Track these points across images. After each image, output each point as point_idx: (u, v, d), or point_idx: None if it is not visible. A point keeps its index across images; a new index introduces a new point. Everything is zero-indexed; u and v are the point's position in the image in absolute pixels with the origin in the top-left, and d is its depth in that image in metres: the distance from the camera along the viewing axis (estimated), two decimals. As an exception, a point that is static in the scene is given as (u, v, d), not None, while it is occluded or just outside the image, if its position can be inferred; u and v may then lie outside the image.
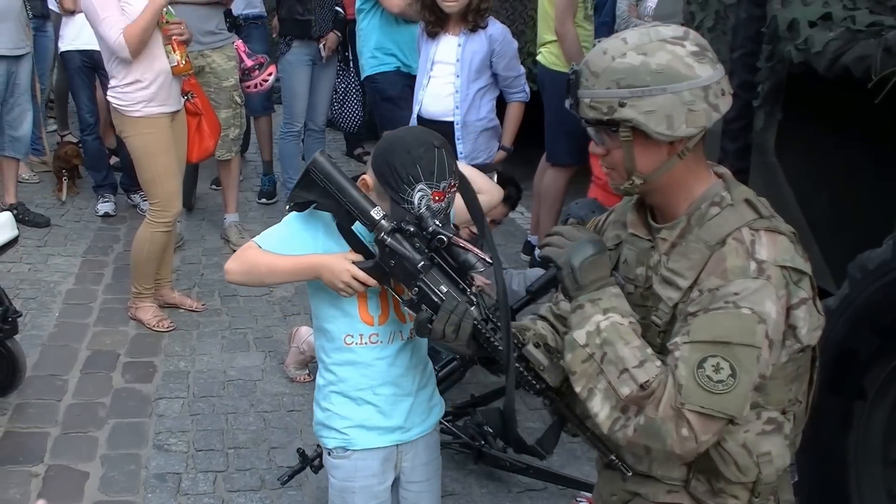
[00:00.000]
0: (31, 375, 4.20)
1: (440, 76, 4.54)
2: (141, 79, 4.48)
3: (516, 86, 4.69)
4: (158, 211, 4.68)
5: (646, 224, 2.07)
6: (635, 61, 1.87)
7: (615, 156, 1.96)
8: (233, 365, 4.47)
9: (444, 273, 2.14)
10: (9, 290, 4.92)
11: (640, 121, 1.86)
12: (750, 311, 1.80)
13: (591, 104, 1.92)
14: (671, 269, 1.96)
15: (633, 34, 1.92)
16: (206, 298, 5.17)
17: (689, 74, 1.85)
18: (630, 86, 1.86)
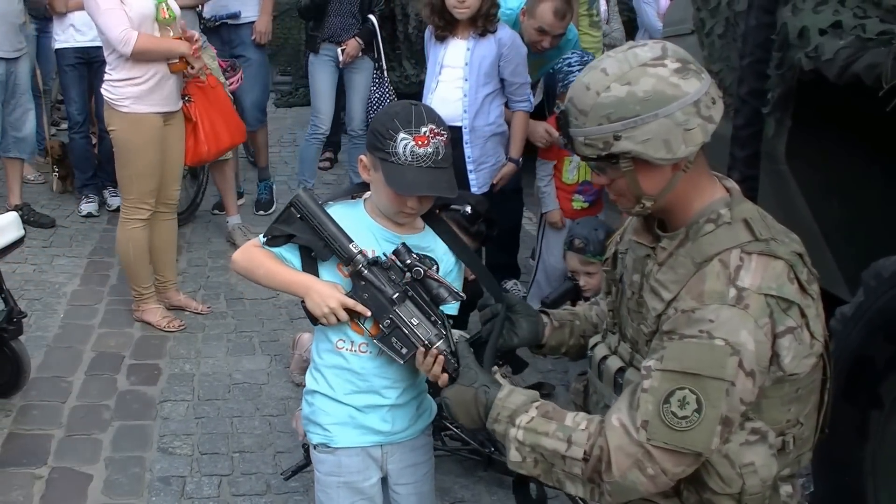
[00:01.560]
0: (36, 377, 4.26)
1: (448, 80, 4.60)
2: (136, 75, 4.53)
3: (521, 94, 4.72)
4: (131, 208, 4.73)
5: (650, 231, 2.11)
6: (621, 93, 1.89)
7: (620, 184, 2.01)
8: (238, 368, 4.53)
9: (417, 306, 2.28)
10: (14, 291, 4.96)
11: (638, 151, 1.90)
12: (723, 342, 1.83)
13: (587, 142, 1.95)
14: (658, 280, 2.00)
15: (611, 63, 1.94)
16: (211, 301, 5.23)
17: (677, 94, 1.88)
18: (621, 118, 1.89)
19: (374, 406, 2.44)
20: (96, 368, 4.47)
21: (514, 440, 2.01)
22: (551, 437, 1.97)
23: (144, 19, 4.48)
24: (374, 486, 2.52)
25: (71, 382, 4.31)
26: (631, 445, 1.87)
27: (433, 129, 2.24)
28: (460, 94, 4.59)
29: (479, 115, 4.60)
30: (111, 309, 5.11)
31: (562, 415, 2.01)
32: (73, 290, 5.32)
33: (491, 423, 2.08)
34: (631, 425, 1.88)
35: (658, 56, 1.92)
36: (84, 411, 4.09)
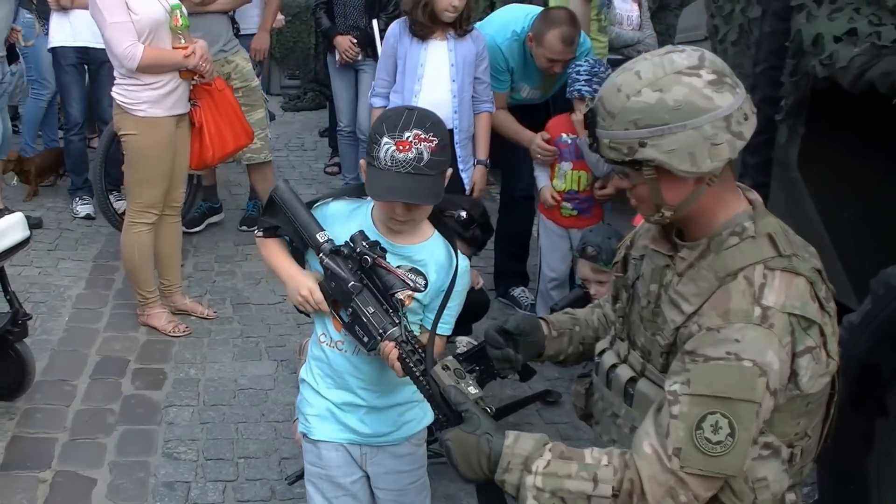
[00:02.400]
0: (40, 380, 4.29)
1: (435, 82, 4.63)
2: (152, 80, 4.56)
3: (487, 94, 4.78)
4: (139, 212, 4.76)
5: (669, 239, 2.10)
6: (651, 99, 1.88)
7: (641, 190, 2.00)
8: (244, 373, 4.55)
9: (373, 294, 2.31)
10: (19, 294, 4.99)
11: (662, 160, 1.89)
12: (752, 363, 1.83)
13: (611, 145, 1.95)
14: (679, 291, 2.00)
15: (646, 66, 1.93)
16: (217, 306, 5.26)
17: (709, 107, 1.86)
18: (649, 125, 1.88)
19: (352, 405, 2.51)
20: (101, 372, 4.50)
21: (533, 488, 1.95)
22: (574, 478, 1.93)
23: (157, 26, 4.51)
24: (355, 483, 2.59)
25: (75, 386, 4.34)
26: (663, 474, 1.87)
27: (418, 134, 2.24)
28: (449, 95, 4.63)
29: (465, 116, 4.66)
30: (116, 313, 5.14)
31: (578, 453, 1.98)
32: (78, 293, 5.35)
33: (501, 475, 2.00)
34: (663, 453, 1.87)
35: (694, 65, 1.90)
36: (88, 415, 4.12)
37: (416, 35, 4.62)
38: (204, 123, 4.90)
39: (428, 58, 4.63)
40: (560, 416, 4.20)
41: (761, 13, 3.32)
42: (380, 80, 4.85)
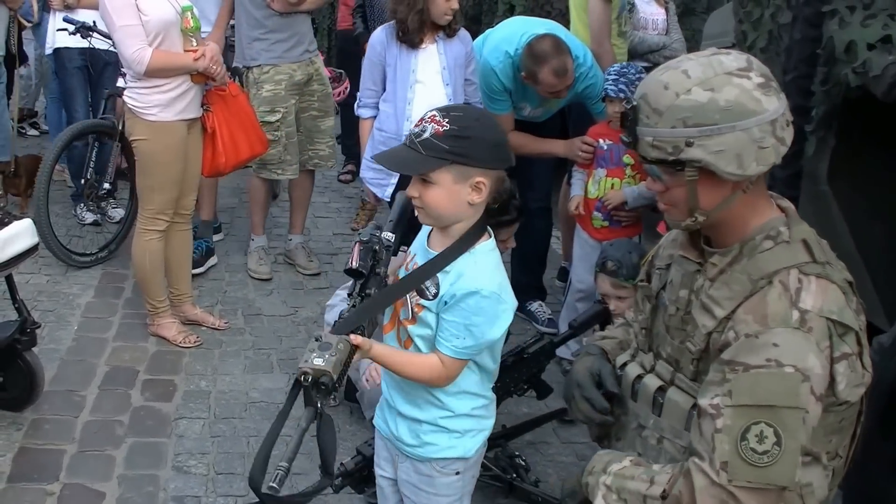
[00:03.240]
0: (48, 390, 4.28)
1: (428, 86, 4.62)
2: (162, 82, 4.56)
3: (476, 96, 4.76)
4: (150, 219, 4.76)
5: (697, 247, 2.10)
6: (702, 98, 1.88)
7: (676, 193, 1.99)
8: (255, 386, 4.53)
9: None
10: (27, 302, 5.00)
11: (709, 161, 1.89)
12: (793, 369, 1.82)
13: (655, 143, 1.93)
14: (711, 296, 1.99)
15: (694, 66, 1.93)
16: (228, 317, 5.25)
17: (758, 109, 1.87)
18: (698, 124, 1.88)
19: (388, 404, 2.61)
20: (110, 383, 4.49)
21: (602, 485, 2.07)
22: (636, 479, 2.02)
23: (167, 27, 4.51)
24: (385, 479, 2.70)
25: (84, 397, 4.33)
26: (713, 487, 1.86)
27: (434, 115, 2.31)
28: (444, 99, 4.59)
29: None
30: (126, 322, 5.13)
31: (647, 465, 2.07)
32: (87, 301, 5.35)
33: (585, 476, 2.16)
34: (710, 467, 1.86)
35: (744, 67, 1.91)
36: (97, 427, 4.10)
37: (407, 42, 4.60)
38: (217, 129, 4.87)
39: (419, 63, 4.61)
40: (577, 435, 4.16)
41: (792, 19, 3.30)
42: (366, 91, 4.82)
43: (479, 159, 2.32)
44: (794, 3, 3.35)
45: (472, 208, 2.39)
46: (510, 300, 2.42)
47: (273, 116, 5.58)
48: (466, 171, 2.33)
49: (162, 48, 4.51)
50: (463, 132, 2.30)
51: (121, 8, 4.43)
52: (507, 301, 2.41)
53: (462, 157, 2.30)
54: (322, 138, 5.96)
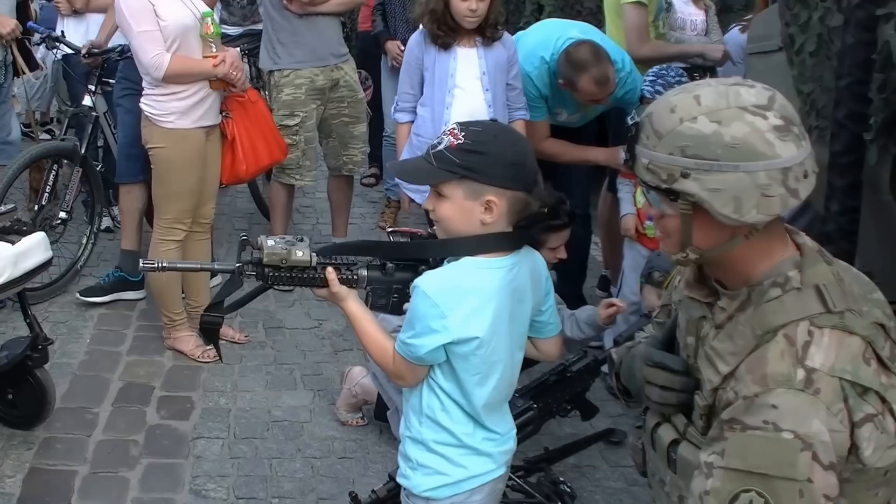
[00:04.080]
0: (60, 407, 4.16)
1: (467, 91, 4.49)
2: (180, 89, 4.46)
3: (520, 101, 4.63)
4: (167, 228, 4.65)
5: (706, 284, 1.95)
6: (706, 129, 1.74)
7: (669, 223, 1.86)
8: (278, 404, 4.39)
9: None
10: (37, 313, 4.90)
11: (702, 197, 1.75)
12: (792, 435, 1.66)
13: (650, 167, 1.81)
14: (715, 348, 1.85)
15: (708, 93, 1.79)
16: (249, 329, 5.10)
17: (768, 153, 1.72)
18: (697, 156, 1.74)
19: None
20: (124, 400, 4.35)
21: None
22: None
23: (186, 31, 4.42)
24: None
25: (97, 414, 4.19)
26: None
27: (454, 128, 2.29)
28: (483, 104, 4.47)
29: None
30: (140, 335, 5.00)
31: None
32: (100, 313, 5.20)
33: None
34: None
35: (762, 104, 1.76)
36: (110, 446, 3.97)
37: (440, 44, 4.47)
38: (237, 136, 4.78)
39: (458, 67, 4.48)
40: (625, 458, 3.99)
41: (843, 23, 3.15)
42: (404, 95, 4.70)
43: (490, 176, 2.25)
44: (845, 5, 3.21)
45: (486, 228, 2.30)
46: (454, 324, 2.25)
47: (291, 120, 5.54)
48: (478, 187, 2.26)
49: (180, 54, 4.41)
50: (477, 147, 2.26)
51: (138, 12, 4.35)
52: (447, 320, 2.25)
53: (472, 173, 2.26)
54: (355, 144, 5.90)
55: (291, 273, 2.39)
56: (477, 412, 2.38)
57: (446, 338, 2.26)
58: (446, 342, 2.27)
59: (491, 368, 2.35)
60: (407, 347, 2.31)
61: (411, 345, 2.29)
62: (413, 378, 2.38)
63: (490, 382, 2.37)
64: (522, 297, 2.39)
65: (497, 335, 2.32)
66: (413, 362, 2.33)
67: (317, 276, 2.39)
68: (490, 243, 2.32)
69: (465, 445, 2.41)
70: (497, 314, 2.30)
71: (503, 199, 2.27)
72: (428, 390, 2.38)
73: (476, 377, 2.34)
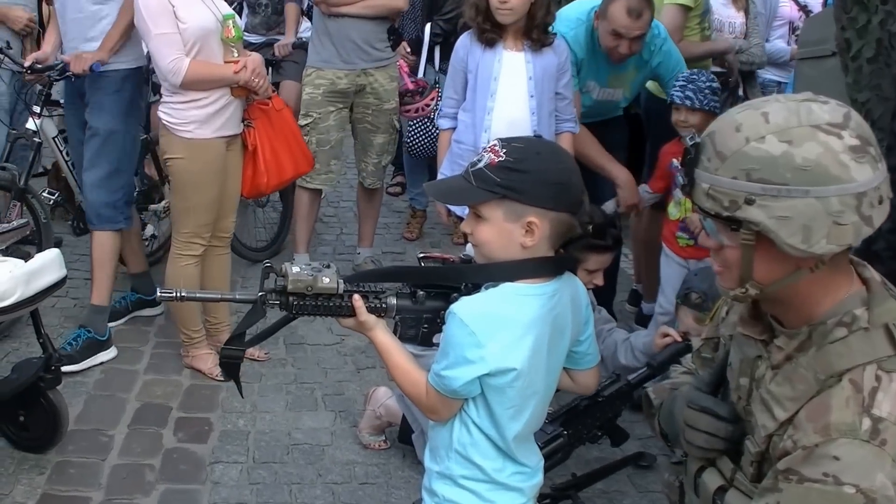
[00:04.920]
0: (74, 429, 4.09)
1: (510, 97, 4.33)
2: (199, 97, 4.36)
3: (569, 112, 4.50)
4: (185, 243, 4.56)
5: (762, 321, 1.83)
6: (775, 150, 1.63)
7: (729, 255, 1.75)
8: (298, 426, 4.30)
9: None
10: (52, 329, 4.87)
11: (768, 226, 1.63)
12: (854, 489, 1.56)
13: (711, 192, 1.69)
14: (771, 392, 1.73)
15: (777, 109, 1.67)
16: (269, 346, 4.97)
17: (842, 177, 1.60)
18: (764, 180, 1.63)
19: None
20: (140, 421, 4.27)
21: None
22: None
23: (206, 35, 4.31)
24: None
25: (112, 437, 4.12)
26: None
27: (495, 144, 2.20)
28: (527, 112, 4.34)
29: (545, 136, 4.34)
30: (158, 352, 4.92)
31: None
32: (117, 329, 5.11)
33: None
34: None
35: (838, 122, 1.64)
36: (126, 471, 3.89)
37: (485, 41, 4.31)
38: (259, 146, 4.67)
39: (502, 71, 4.32)
40: (655, 482, 3.89)
41: (906, 28, 3.03)
42: (447, 100, 4.58)
43: (531, 196, 2.14)
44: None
45: (527, 252, 2.18)
46: (491, 355, 2.13)
47: (304, 120, 5.49)
48: (519, 208, 2.15)
49: (200, 59, 4.31)
50: (518, 165, 2.14)
51: (157, 14, 4.24)
52: (484, 349, 2.12)
53: (513, 192, 2.14)
54: (371, 153, 5.79)
55: (317, 301, 2.27)
56: (508, 446, 2.27)
57: (482, 369, 2.14)
58: (482, 373, 2.15)
59: (526, 402, 2.24)
60: (441, 380, 2.19)
61: (445, 377, 2.17)
62: (448, 412, 2.27)
63: (524, 416, 2.25)
64: (563, 326, 2.27)
65: (535, 367, 2.20)
66: (447, 396, 2.21)
67: (344, 305, 2.29)
68: (531, 268, 2.20)
69: (494, 481, 2.30)
70: (536, 344, 2.18)
71: (545, 221, 2.15)
72: (460, 424, 2.27)
73: (510, 410, 2.22)
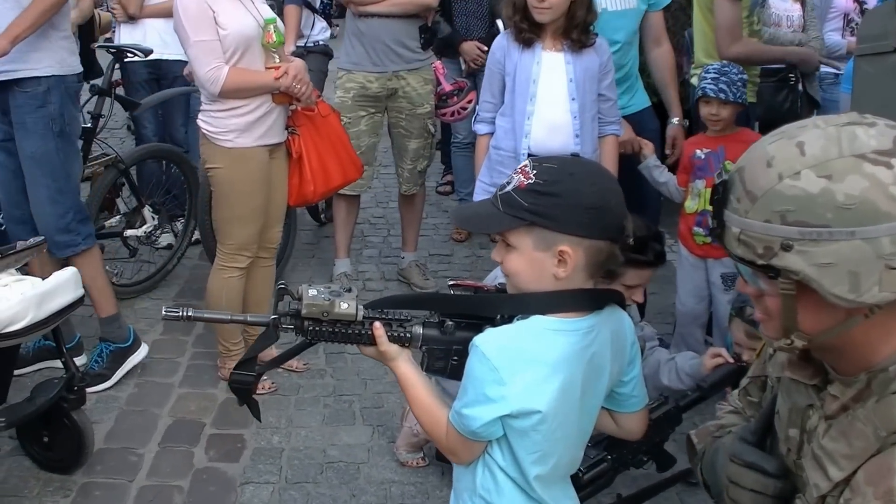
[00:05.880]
0: (103, 448, 4.03)
1: (550, 101, 4.16)
2: (240, 104, 4.23)
3: (613, 114, 4.33)
4: (229, 254, 4.45)
5: (813, 363, 1.64)
6: (813, 187, 1.42)
7: (770, 303, 1.56)
8: (334, 442, 4.18)
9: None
10: (88, 340, 4.80)
11: (809, 275, 1.43)
12: None
13: (742, 238, 1.50)
14: (825, 448, 1.54)
15: (815, 137, 1.46)
16: (308, 356, 4.87)
17: (894, 213, 1.39)
18: (801, 223, 1.43)
19: None
20: (172, 439, 4.18)
21: None
22: None
23: (247, 42, 4.17)
24: None
25: (141, 456, 4.03)
26: None
27: (525, 166, 2.04)
28: (568, 116, 4.15)
29: (588, 140, 4.19)
30: (194, 364, 4.84)
31: None
32: (154, 339, 5.06)
33: None
34: None
35: (886, 149, 1.43)
36: (153, 493, 3.80)
37: (523, 41, 4.15)
38: (304, 154, 4.54)
39: (542, 73, 4.15)
40: (707, 500, 3.65)
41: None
42: (484, 104, 4.42)
43: (562, 223, 1.96)
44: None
45: (560, 284, 1.99)
46: (513, 394, 1.95)
47: None
48: (549, 236, 1.98)
49: (240, 66, 4.18)
50: (548, 188, 1.97)
51: (197, 20, 4.09)
52: (506, 388, 1.95)
53: (542, 219, 1.97)
54: (406, 159, 5.67)
55: (334, 328, 2.14)
56: (536, 491, 2.09)
57: (503, 409, 1.96)
58: (503, 414, 1.97)
59: (553, 447, 2.05)
60: (461, 419, 2.02)
61: (465, 416, 2.01)
62: (468, 455, 2.11)
63: (550, 461, 2.07)
64: (600, 365, 2.08)
65: (564, 410, 2.01)
66: (467, 437, 2.04)
67: (363, 333, 2.15)
68: (564, 301, 2.02)
69: None
70: (566, 386, 1.99)
71: (579, 250, 1.97)
72: (483, 468, 2.11)
73: (534, 455, 2.04)
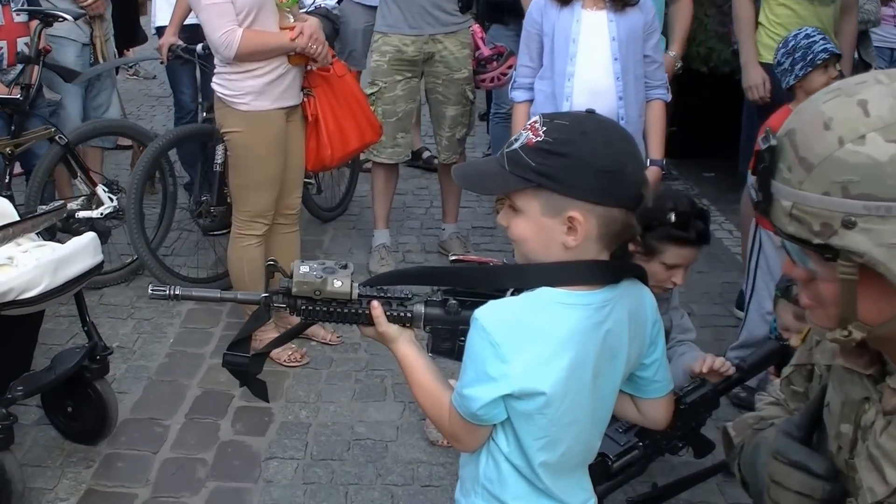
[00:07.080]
0: (129, 418, 4.05)
1: (591, 61, 4.02)
2: (254, 66, 4.17)
3: (659, 77, 4.17)
4: (247, 222, 4.41)
5: (870, 351, 1.47)
6: (881, 153, 1.25)
7: (824, 289, 1.38)
8: (363, 418, 4.13)
9: None
10: (123, 310, 4.83)
11: (875, 258, 1.26)
12: None
13: (794, 213, 1.32)
14: (882, 447, 1.40)
15: (881, 95, 1.28)
16: (342, 328, 4.81)
17: None
18: (867, 196, 1.25)
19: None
20: (199, 410, 4.17)
21: None
22: None
23: (260, 2, 4.09)
24: None
25: (167, 427, 4.02)
26: None
27: (535, 121, 1.85)
28: (611, 77, 4.02)
29: (633, 104, 4.04)
30: (227, 334, 4.80)
31: None
32: (188, 308, 5.05)
33: None
34: None
35: None
36: (176, 466, 3.79)
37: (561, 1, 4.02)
38: (320, 116, 4.48)
39: (581, 32, 4.01)
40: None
41: None
42: (521, 68, 4.29)
43: (571, 186, 1.78)
44: None
45: (571, 253, 1.82)
46: (516, 372, 1.79)
47: (370, 89, 5.27)
48: (558, 200, 1.79)
49: (254, 27, 4.10)
50: (558, 147, 1.78)
51: None
52: (508, 365, 1.79)
53: (549, 181, 1.78)
54: (444, 127, 5.53)
55: (329, 307, 2.04)
56: (543, 482, 1.94)
57: (505, 388, 1.80)
58: (504, 393, 1.82)
59: (561, 433, 1.88)
60: (462, 400, 1.87)
61: (465, 396, 1.86)
62: (472, 441, 1.95)
63: (559, 448, 1.91)
64: (616, 345, 1.90)
65: (573, 393, 1.84)
66: (470, 421, 1.90)
67: (361, 312, 2.04)
68: (574, 272, 1.84)
69: None
70: (574, 365, 1.81)
71: (591, 217, 1.79)
72: (487, 456, 1.96)
73: (540, 441, 1.88)
